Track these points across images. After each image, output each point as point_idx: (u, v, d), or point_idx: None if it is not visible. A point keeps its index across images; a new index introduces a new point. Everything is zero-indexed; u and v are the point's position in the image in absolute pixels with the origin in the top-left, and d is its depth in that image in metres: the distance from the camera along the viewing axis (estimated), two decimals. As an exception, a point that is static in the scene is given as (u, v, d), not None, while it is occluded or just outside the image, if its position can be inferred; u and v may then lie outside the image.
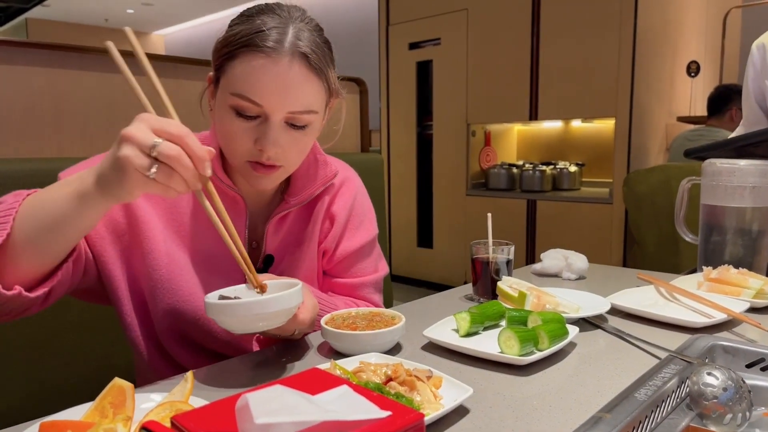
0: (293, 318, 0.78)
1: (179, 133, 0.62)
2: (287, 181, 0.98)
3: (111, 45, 0.65)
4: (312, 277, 1.01)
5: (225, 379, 0.76)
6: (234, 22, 0.85)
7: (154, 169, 0.62)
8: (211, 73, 0.88)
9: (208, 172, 0.65)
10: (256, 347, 0.92)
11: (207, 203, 0.70)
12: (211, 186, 0.69)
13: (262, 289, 0.78)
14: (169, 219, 0.89)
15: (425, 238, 4.53)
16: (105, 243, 0.86)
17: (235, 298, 0.77)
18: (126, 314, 0.90)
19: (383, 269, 1.09)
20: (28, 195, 0.72)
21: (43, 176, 1.09)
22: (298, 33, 0.83)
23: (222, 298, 0.77)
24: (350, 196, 1.03)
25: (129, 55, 0.67)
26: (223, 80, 0.83)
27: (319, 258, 1.02)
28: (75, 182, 0.68)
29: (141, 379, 0.95)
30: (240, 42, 0.81)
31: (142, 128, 0.62)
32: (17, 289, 0.70)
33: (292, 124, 0.84)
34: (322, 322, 0.85)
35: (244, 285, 0.81)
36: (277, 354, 0.87)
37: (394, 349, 0.85)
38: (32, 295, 0.72)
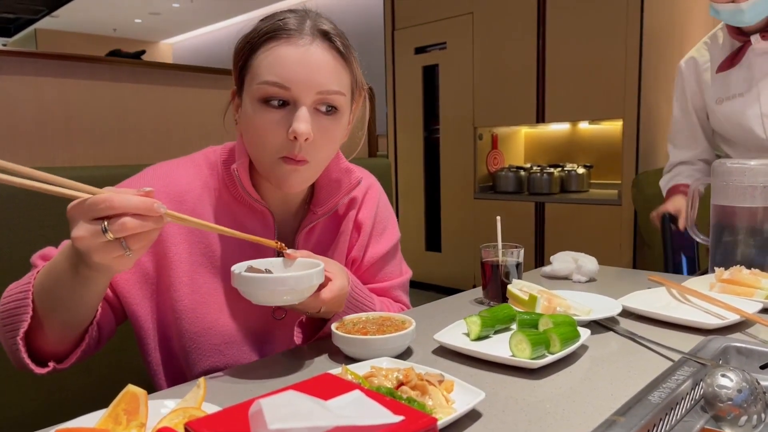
0: (316, 296, 0.80)
1: (108, 206, 0.60)
2: (311, 192, 0.98)
3: None
4: None
5: (237, 384, 0.77)
6: (254, 26, 0.87)
7: (127, 250, 0.62)
8: (233, 87, 0.89)
9: (162, 210, 0.63)
10: (298, 340, 0.92)
11: (188, 219, 0.71)
12: (172, 213, 0.68)
13: (282, 252, 0.84)
14: (196, 244, 0.89)
15: (433, 241, 4.52)
16: (130, 285, 0.87)
17: (266, 270, 0.81)
18: (150, 353, 0.91)
19: (407, 272, 1.12)
20: (37, 272, 0.74)
21: (54, 185, 1.10)
22: (317, 19, 0.85)
23: (252, 269, 0.80)
24: (373, 204, 1.04)
25: (139, 65, 0.67)
26: (248, 77, 0.84)
27: (348, 267, 1.02)
28: (70, 267, 0.68)
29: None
30: (260, 34, 0.83)
31: (83, 227, 0.61)
32: (51, 365, 0.76)
33: (321, 110, 0.84)
34: (333, 327, 0.85)
35: (281, 259, 0.84)
36: (288, 359, 0.87)
37: (405, 354, 0.85)
38: (65, 366, 0.77)
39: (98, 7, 8.50)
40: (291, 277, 0.77)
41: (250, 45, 0.84)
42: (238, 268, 0.79)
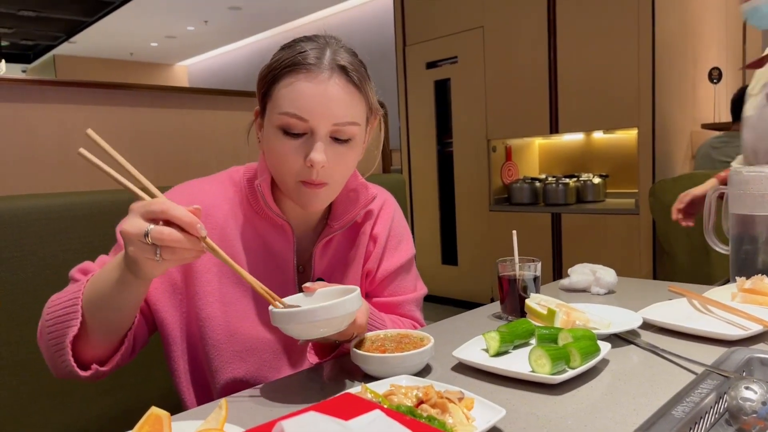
0: (353, 322, 0.81)
1: (162, 209, 0.66)
2: (329, 207, 1.02)
3: (84, 152, 0.69)
4: None
5: (258, 405, 0.77)
6: (275, 53, 0.90)
7: (158, 256, 0.67)
8: (257, 108, 0.94)
9: (203, 233, 0.68)
10: (312, 359, 0.94)
11: (221, 252, 0.73)
12: (210, 242, 0.71)
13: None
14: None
15: (450, 255, 4.51)
16: (159, 294, 0.91)
17: (295, 305, 0.81)
18: (176, 360, 0.94)
19: (422, 288, 1.13)
20: (87, 280, 0.80)
21: (77, 209, 1.13)
22: (336, 51, 0.88)
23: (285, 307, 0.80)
24: (389, 218, 1.07)
25: (157, 90, 0.70)
26: (270, 105, 0.88)
27: (363, 279, 1.05)
28: (116, 269, 0.75)
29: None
30: (282, 65, 0.86)
31: (133, 221, 0.67)
32: (93, 368, 0.81)
33: (337, 138, 0.88)
34: (351, 345, 0.86)
35: (301, 294, 0.85)
36: (308, 378, 0.87)
37: (424, 371, 0.85)
38: (106, 369, 0.82)
39: (115, 32, 8.69)
40: (336, 303, 0.75)
41: (273, 75, 0.88)
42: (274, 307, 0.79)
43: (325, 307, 0.75)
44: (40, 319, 0.82)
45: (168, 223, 0.67)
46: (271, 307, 0.78)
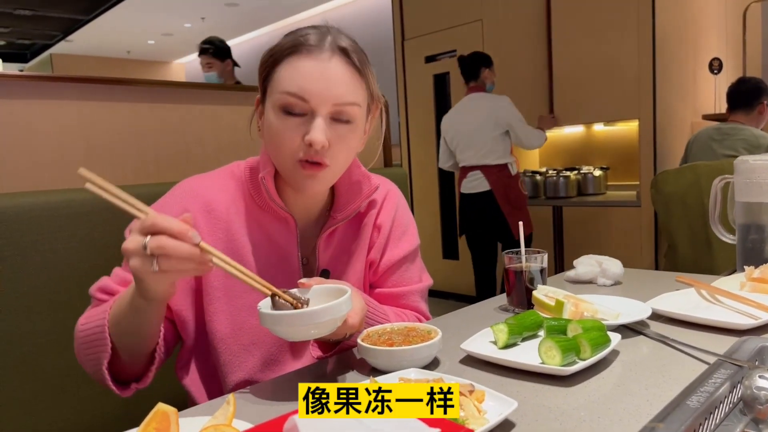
0: (344, 323, 0.80)
1: (152, 223, 0.67)
2: (332, 198, 1.01)
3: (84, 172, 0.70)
4: (360, 289, 1.02)
5: (266, 400, 0.76)
6: (278, 41, 0.90)
7: (155, 265, 0.67)
8: (258, 96, 0.93)
9: (196, 240, 0.68)
10: (315, 353, 0.93)
11: (219, 254, 0.72)
12: (204, 245, 0.70)
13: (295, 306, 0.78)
14: (226, 251, 0.91)
15: (450, 249, 4.50)
16: (179, 295, 0.92)
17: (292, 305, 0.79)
18: (187, 357, 0.95)
19: (427, 280, 1.12)
20: (110, 306, 0.82)
21: (76, 207, 1.11)
22: (337, 36, 0.89)
23: (274, 306, 0.78)
24: (393, 207, 1.07)
25: (156, 85, 0.68)
26: (270, 87, 0.88)
27: (367, 270, 1.04)
28: (129, 296, 0.77)
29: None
30: (283, 48, 0.87)
31: (132, 237, 0.68)
32: (133, 387, 0.85)
33: (337, 119, 0.87)
34: (359, 339, 0.85)
35: (296, 290, 0.83)
36: (315, 374, 0.87)
37: (432, 364, 0.84)
38: (145, 384, 0.85)
39: (112, 30, 8.66)
40: (325, 308, 0.74)
41: (274, 58, 0.88)
42: (264, 305, 0.77)
43: (314, 311, 0.73)
44: (75, 341, 0.85)
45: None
46: (259, 308, 0.76)
